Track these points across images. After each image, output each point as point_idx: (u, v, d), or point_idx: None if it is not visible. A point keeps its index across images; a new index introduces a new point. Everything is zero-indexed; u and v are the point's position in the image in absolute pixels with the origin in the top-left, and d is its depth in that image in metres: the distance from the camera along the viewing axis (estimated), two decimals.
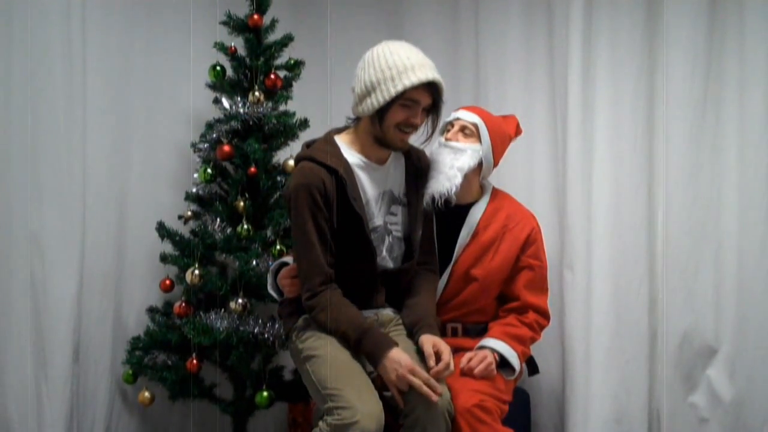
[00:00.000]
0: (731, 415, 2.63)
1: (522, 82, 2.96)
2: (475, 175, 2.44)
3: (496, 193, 2.52)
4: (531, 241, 2.44)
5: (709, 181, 2.67)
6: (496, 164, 2.50)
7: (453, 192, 2.33)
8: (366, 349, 2.06)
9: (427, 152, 2.41)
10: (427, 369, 2.05)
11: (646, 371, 2.73)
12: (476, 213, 2.44)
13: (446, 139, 2.43)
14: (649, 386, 2.74)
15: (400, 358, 2.01)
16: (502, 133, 2.49)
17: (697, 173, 2.67)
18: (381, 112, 2.09)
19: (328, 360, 2.08)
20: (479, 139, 2.43)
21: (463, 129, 2.43)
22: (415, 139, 2.26)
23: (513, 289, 2.43)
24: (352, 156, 2.18)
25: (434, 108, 2.16)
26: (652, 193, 2.74)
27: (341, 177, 2.11)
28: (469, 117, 2.44)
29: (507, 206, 2.49)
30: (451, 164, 2.36)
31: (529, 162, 2.93)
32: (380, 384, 2.08)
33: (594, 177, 2.74)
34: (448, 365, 2.07)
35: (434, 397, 1.98)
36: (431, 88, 2.10)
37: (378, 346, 2.04)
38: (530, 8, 2.94)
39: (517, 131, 2.57)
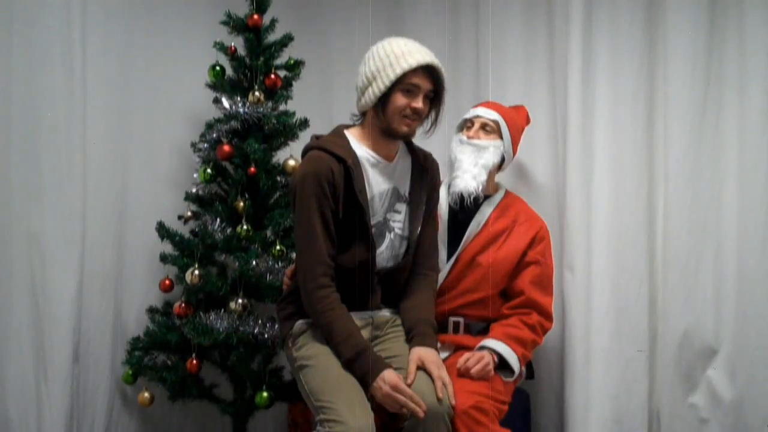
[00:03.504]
0: (731, 415, 2.62)
1: (522, 82, 2.95)
2: (493, 169, 2.52)
3: (509, 193, 2.62)
4: (539, 239, 2.49)
5: (709, 181, 2.66)
6: (513, 156, 2.61)
7: (480, 190, 2.42)
8: (358, 372, 2.05)
9: (444, 151, 2.47)
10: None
11: (646, 371, 2.72)
12: (489, 206, 2.51)
13: (468, 137, 2.49)
14: (649, 386, 2.73)
15: (386, 377, 2.01)
16: (518, 127, 2.60)
17: (697, 173, 2.67)
18: (383, 100, 2.10)
19: (321, 371, 2.08)
20: (500, 135, 2.51)
21: (483, 126, 2.51)
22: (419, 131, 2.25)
23: (518, 284, 2.45)
24: (360, 150, 2.19)
25: (436, 96, 2.17)
26: (652, 194, 2.74)
27: (349, 167, 2.11)
28: (489, 114, 2.52)
29: (519, 205, 2.58)
30: (476, 162, 2.44)
31: (529, 162, 2.92)
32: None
33: (594, 177, 2.73)
34: (440, 379, 2.07)
35: (420, 414, 1.98)
36: (431, 74, 2.11)
37: (369, 370, 2.03)
38: (531, 8, 2.94)
39: (528, 121, 2.68)
